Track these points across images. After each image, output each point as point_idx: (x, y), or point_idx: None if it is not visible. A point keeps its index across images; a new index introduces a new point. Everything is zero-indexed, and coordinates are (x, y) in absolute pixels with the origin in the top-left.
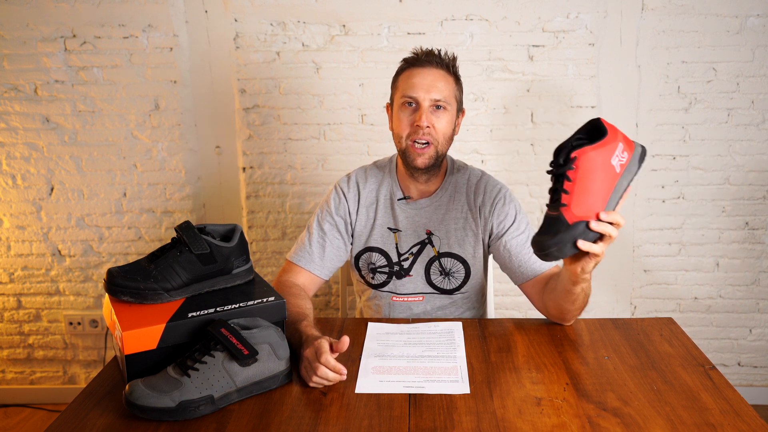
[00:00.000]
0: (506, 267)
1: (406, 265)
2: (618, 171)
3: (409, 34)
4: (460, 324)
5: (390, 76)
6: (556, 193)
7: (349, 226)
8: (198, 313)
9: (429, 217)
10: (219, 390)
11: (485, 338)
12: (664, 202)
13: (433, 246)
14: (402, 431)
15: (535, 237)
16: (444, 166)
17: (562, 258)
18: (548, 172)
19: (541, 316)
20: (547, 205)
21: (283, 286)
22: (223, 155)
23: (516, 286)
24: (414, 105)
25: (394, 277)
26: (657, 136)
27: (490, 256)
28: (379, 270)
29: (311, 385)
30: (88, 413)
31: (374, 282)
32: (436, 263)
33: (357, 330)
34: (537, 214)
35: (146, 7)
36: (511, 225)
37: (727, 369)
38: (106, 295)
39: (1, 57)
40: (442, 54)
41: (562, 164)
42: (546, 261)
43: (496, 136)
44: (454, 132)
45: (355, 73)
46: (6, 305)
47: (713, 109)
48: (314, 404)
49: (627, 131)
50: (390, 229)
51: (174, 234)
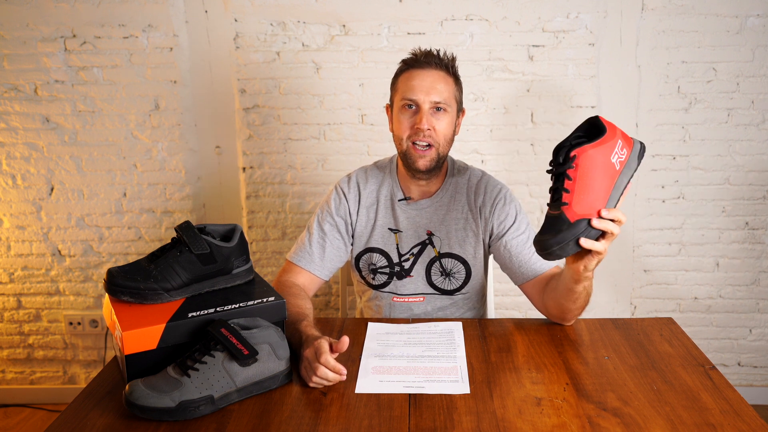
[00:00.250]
0: (507, 267)
1: (406, 265)
2: (618, 168)
3: (409, 34)
4: (460, 324)
5: (390, 76)
6: (556, 192)
7: (350, 227)
8: (198, 313)
9: (429, 217)
10: (219, 390)
11: (485, 338)
12: (664, 202)
13: (433, 246)
14: (402, 431)
15: (537, 237)
16: (444, 167)
17: (565, 257)
18: (548, 172)
19: (541, 316)
20: (548, 205)
21: (283, 286)
22: (223, 155)
23: (516, 286)
24: (414, 107)
25: (394, 278)
26: (657, 136)
27: (491, 257)
28: (379, 271)
29: (311, 385)
30: (88, 413)
31: (375, 283)
32: (437, 264)
33: (357, 330)
34: (537, 214)
35: (146, 7)
36: (512, 225)
37: (727, 369)
38: (106, 295)
39: (1, 57)
40: (441, 54)
41: (562, 163)
42: (549, 260)
43: (496, 136)
44: (455, 132)
45: (355, 73)
46: (6, 305)
47: (713, 109)
48: (314, 404)
49: (627, 131)
50: (391, 229)
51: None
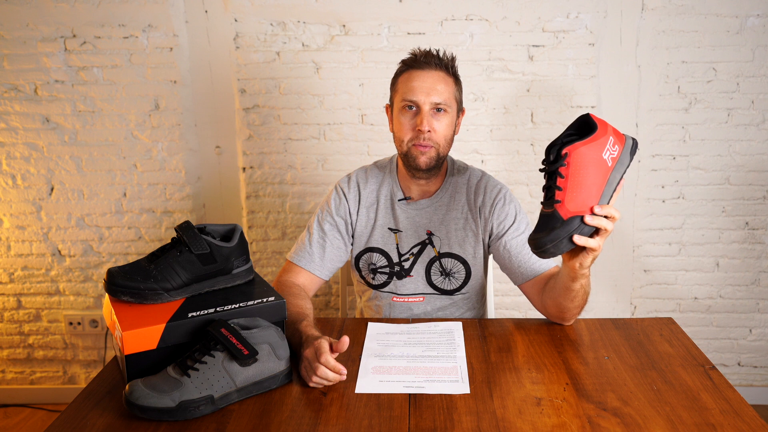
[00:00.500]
0: (506, 267)
1: (406, 265)
2: (610, 165)
3: (409, 34)
4: (460, 324)
5: (390, 76)
6: (549, 190)
7: (350, 227)
8: (198, 313)
9: (429, 217)
10: (219, 390)
11: (485, 338)
12: (664, 202)
13: (433, 246)
14: (402, 431)
15: (531, 235)
16: (444, 167)
17: (559, 254)
18: (541, 170)
19: (541, 316)
20: (542, 203)
21: (283, 286)
22: (223, 155)
23: (516, 286)
24: (414, 108)
25: (394, 278)
26: (657, 136)
27: (490, 257)
28: (379, 270)
29: (311, 385)
30: (88, 413)
31: (375, 282)
32: (437, 264)
33: (357, 330)
34: (537, 214)
35: (146, 7)
36: (511, 225)
37: (727, 369)
38: (106, 295)
39: (1, 57)
40: (441, 54)
41: (554, 161)
42: (543, 258)
43: (496, 136)
44: (455, 132)
45: (355, 73)
46: (6, 305)
47: (713, 109)
48: (314, 404)
49: (627, 131)
50: (390, 229)
51: (174, 234)
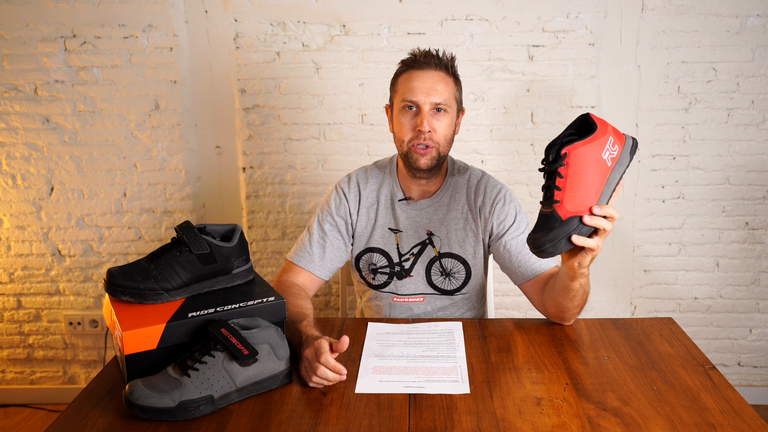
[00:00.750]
0: (506, 267)
1: (407, 265)
2: (609, 165)
3: (409, 34)
4: (460, 324)
5: (390, 77)
6: (548, 190)
7: (350, 227)
8: (198, 313)
9: (430, 217)
10: (219, 390)
11: (485, 338)
12: (664, 202)
13: (433, 246)
14: (402, 431)
15: (530, 235)
16: (444, 167)
17: (558, 254)
18: (540, 170)
19: (542, 316)
20: (541, 203)
21: (283, 286)
22: (223, 155)
23: (516, 286)
24: (415, 109)
25: (394, 278)
26: (657, 136)
27: (490, 257)
28: (380, 271)
29: (311, 385)
30: (88, 413)
31: (375, 283)
32: (437, 264)
33: (357, 330)
34: (537, 214)
35: (146, 7)
36: (511, 225)
37: (727, 369)
38: (106, 295)
39: (1, 57)
40: (440, 54)
41: (553, 161)
42: (542, 258)
43: (496, 136)
44: (455, 132)
45: (355, 73)
46: (6, 305)
47: (713, 109)
48: (314, 404)
49: (627, 131)
50: (391, 229)
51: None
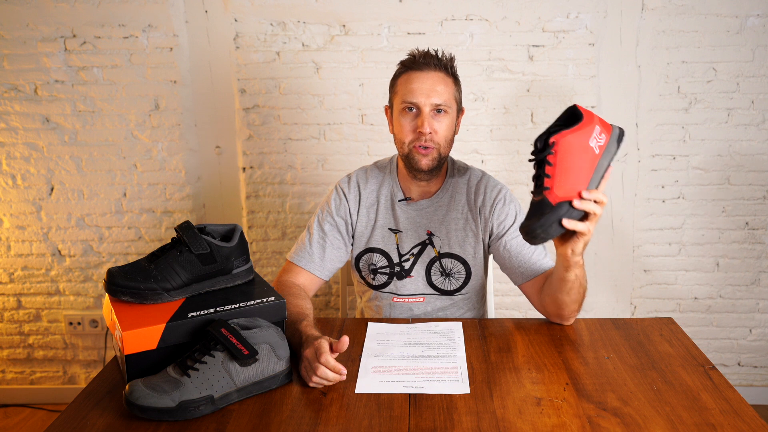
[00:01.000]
0: (506, 267)
1: (407, 266)
2: (597, 152)
3: (409, 34)
4: (460, 324)
5: (390, 77)
6: (539, 179)
7: (350, 227)
8: (198, 313)
9: (430, 217)
10: (219, 390)
11: (485, 338)
12: (664, 202)
13: (433, 247)
14: (402, 431)
15: (522, 223)
16: (445, 167)
17: (549, 239)
18: (530, 161)
19: (542, 316)
20: (532, 192)
21: (283, 286)
22: (223, 155)
23: (516, 287)
24: (415, 110)
25: (394, 278)
26: (657, 136)
27: (490, 257)
28: (380, 271)
29: (311, 385)
30: (88, 413)
31: (375, 283)
32: (437, 264)
33: (357, 330)
34: None
35: (146, 7)
36: (511, 225)
37: (727, 369)
38: (106, 295)
39: (1, 57)
40: (440, 55)
41: (542, 150)
42: (534, 245)
43: (496, 136)
44: (455, 132)
45: (355, 73)
46: (6, 305)
47: (713, 109)
48: (314, 404)
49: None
50: (391, 229)
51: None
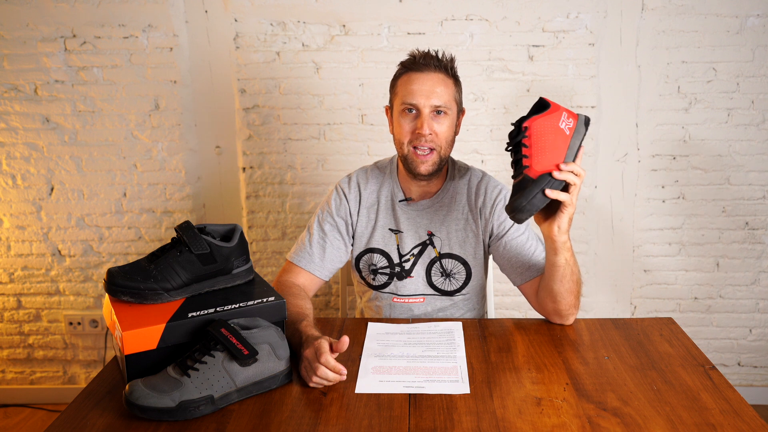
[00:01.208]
0: (505, 268)
1: (407, 266)
2: (568, 134)
3: (409, 34)
4: (460, 324)
5: (390, 77)
6: (517, 163)
7: (350, 227)
8: (198, 313)
9: (430, 218)
10: (219, 390)
11: (485, 338)
12: (664, 202)
13: (434, 247)
14: (402, 431)
15: (507, 204)
16: (445, 168)
17: (535, 211)
18: (506, 149)
19: (542, 317)
20: (513, 177)
21: (283, 286)
22: (223, 155)
23: (516, 287)
24: (414, 111)
25: (395, 279)
26: (657, 136)
27: (490, 257)
28: (380, 271)
29: (311, 385)
30: (88, 413)
31: (375, 283)
32: (437, 264)
33: (357, 330)
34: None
35: (146, 7)
36: (512, 226)
37: (727, 369)
38: (106, 295)
39: (1, 57)
40: (440, 56)
41: (516, 135)
42: (521, 221)
43: (496, 136)
44: (456, 133)
45: (355, 73)
46: (6, 305)
47: (713, 109)
48: (314, 404)
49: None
50: (391, 230)
51: (174, 234)
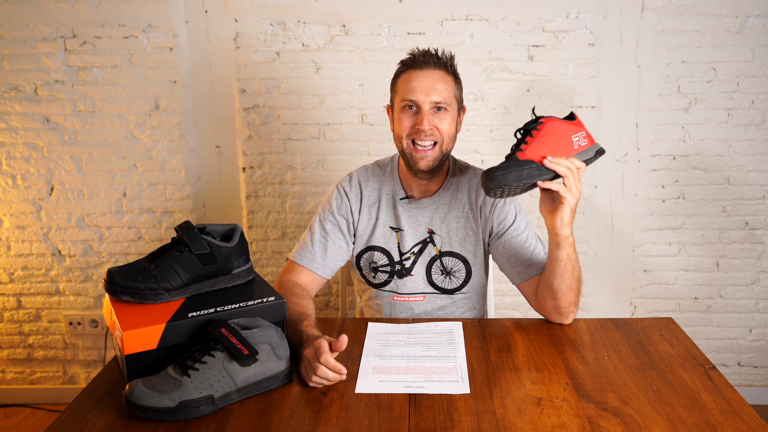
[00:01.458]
0: (505, 266)
1: (407, 264)
2: (576, 147)
3: (409, 34)
4: (460, 324)
5: (390, 76)
6: (517, 145)
7: (351, 226)
8: (198, 313)
9: (431, 216)
10: (219, 390)
11: (485, 338)
12: (664, 202)
13: (434, 245)
14: (402, 431)
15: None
16: (446, 166)
17: (505, 185)
18: (515, 135)
19: (542, 317)
20: (506, 156)
21: (285, 286)
22: (223, 155)
23: (515, 286)
24: (415, 108)
25: (395, 277)
26: (657, 136)
27: (490, 256)
28: (380, 269)
29: (311, 385)
30: (88, 413)
31: (375, 281)
32: (438, 262)
33: (357, 330)
34: (537, 214)
35: (146, 7)
36: (511, 225)
37: (727, 369)
38: (106, 295)
39: (1, 57)
40: (440, 53)
41: (530, 122)
42: (488, 189)
43: (496, 136)
44: (457, 130)
45: (355, 73)
46: (6, 305)
47: (713, 109)
48: (314, 404)
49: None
50: (392, 228)
51: (174, 234)
